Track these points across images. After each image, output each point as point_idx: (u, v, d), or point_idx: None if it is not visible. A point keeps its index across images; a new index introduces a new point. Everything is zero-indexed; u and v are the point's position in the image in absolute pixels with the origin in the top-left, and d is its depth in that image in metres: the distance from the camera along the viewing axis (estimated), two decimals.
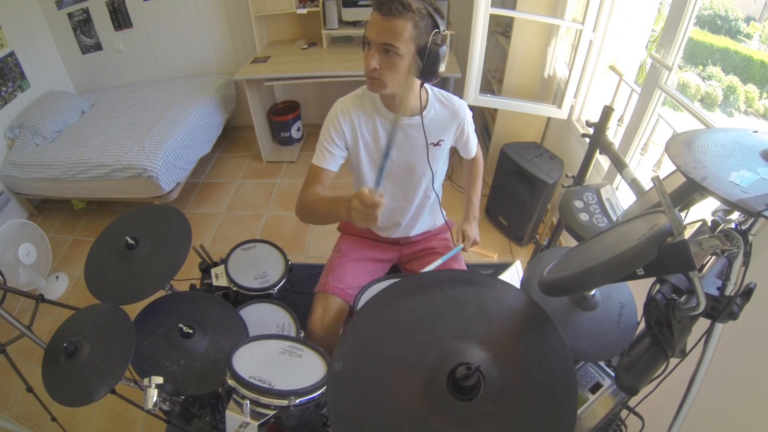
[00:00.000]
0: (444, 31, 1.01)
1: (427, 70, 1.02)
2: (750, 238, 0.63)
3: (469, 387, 0.61)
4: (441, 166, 1.34)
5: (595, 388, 0.88)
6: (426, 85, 1.18)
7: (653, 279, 0.67)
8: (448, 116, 1.25)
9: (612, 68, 2.17)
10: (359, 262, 1.45)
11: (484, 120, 3.30)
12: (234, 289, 1.41)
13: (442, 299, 0.79)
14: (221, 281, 1.44)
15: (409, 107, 1.18)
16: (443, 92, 1.26)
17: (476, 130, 1.38)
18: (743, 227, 0.64)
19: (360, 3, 2.98)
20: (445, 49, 1.02)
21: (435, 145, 1.26)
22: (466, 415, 0.62)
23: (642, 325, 0.70)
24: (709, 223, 0.68)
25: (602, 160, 2.10)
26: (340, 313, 1.33)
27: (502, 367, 0.66)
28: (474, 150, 1.43)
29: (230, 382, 0.94)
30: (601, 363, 0.92)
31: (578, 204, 1.35)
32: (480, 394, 0.62)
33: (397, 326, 0.75)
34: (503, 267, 1.42)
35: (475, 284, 0.82)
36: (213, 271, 1.47)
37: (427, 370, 0.65)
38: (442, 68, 1.04)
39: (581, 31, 2.10)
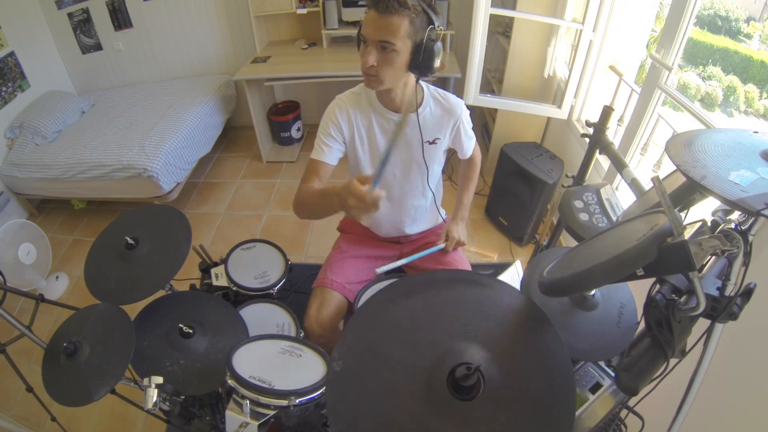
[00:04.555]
0: (439, 27, 1.03)
1: (423, 66, 1.05)
2: (750, 238, 0.63)
3: (469, 387, 0.61)
4: (437, 164, 1.34)
5: (595, 388, 0.88)
6: (422, 82, 1.18)
7: (653, 279, 0.67)
8: (444, 114, 1.24)
9: (612, 68, 2.17)
10: (359, 259, 1.45)
11: (484, 120, 3.29)
12: (234, 289, 1.41)
13: (441, 300, 0.79)
14: (221, 281, 1.44)
15: (404, 104, 1.19)
16: (439, 90, 1.26)
17: (476, 130, 1.37)
18: (743, 227, 0.64)
19: (360, 3, 2.98)
20: (440, 45, 1.04)
21: (431, 143, 1.25)
22: (466, 414, 0.62)
23: (642, 326, 0.70)
24: (709, 224, 0.68)
25: (602, 160, 2.10)
26: (338, 309, 1.31)
27: (502, 367, 0.66)
28: (470, 150, 1.40)
29: (230, 382, 0.94)
30: (601, 363, 0.92)
31: (578, 204, 1.35)
32: (480, 393, 0.62)
33: (396, 326, 0.75)
34: (503, 267, 1.42)
35: (474, 284, 0.82)
36: (213, 271, 1.47)
37: (426, 370, 0.66)
38: (437, 64, 1.05)
39: (581, 31, 2.10)
